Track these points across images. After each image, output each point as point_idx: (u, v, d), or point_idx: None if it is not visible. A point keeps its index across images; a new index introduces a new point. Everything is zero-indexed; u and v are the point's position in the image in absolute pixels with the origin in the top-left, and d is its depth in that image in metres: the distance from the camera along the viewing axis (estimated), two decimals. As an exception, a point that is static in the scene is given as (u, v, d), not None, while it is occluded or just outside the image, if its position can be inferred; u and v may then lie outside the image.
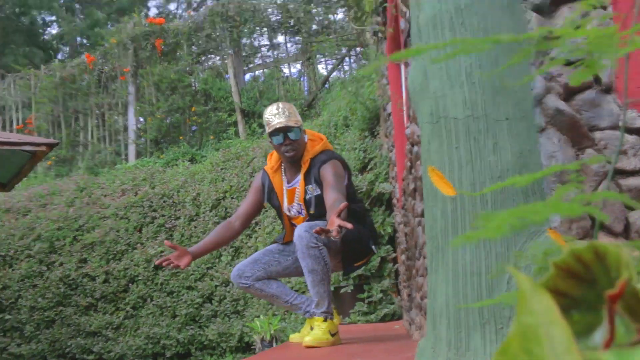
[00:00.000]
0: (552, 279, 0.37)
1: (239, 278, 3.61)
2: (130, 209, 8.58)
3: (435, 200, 1.72)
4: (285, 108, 3.64)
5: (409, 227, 3.53)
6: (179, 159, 10.72)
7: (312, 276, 3.34)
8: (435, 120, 1.78)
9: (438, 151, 1.73)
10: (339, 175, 3.52)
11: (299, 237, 3.30)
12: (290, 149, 3.58)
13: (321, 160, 3.60)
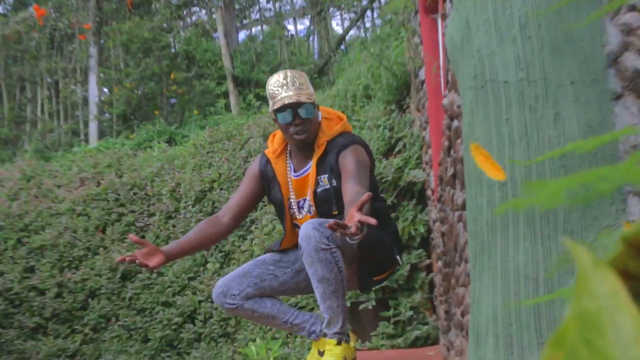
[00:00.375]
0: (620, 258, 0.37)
1: (224, 297, 3.62)
2: (90, 204, 8.64)
3: (480, 187, 1.73)
4: (295, 78, 3.64)
5: (447, 225, 3.54)
6: (154, 140, 10.77)
7: (323, 287, 3.35)
8: (480, 85, 1.78)
9: (483, 124, 1.74)
10: (362, 164, 3.53)
11: (305, 237, 3.30)
12: (301, 130, 3.59)
13: (340, 145, 3.61)
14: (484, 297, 1.66)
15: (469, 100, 1.81)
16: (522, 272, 1.58)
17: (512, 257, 1.61)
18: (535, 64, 1.70)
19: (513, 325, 1.58)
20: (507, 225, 1.66)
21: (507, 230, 1.65)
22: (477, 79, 1.78)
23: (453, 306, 3.45)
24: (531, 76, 1.71)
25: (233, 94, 11.71)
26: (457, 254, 3.05)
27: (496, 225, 1.67)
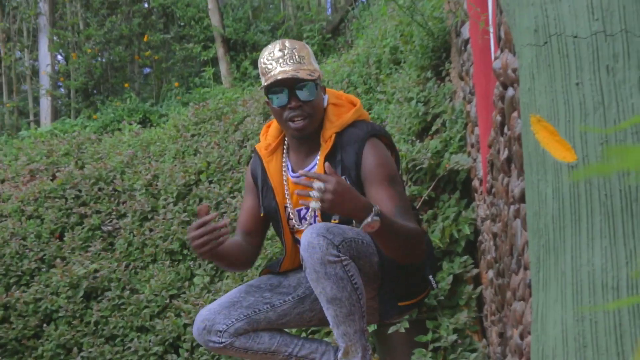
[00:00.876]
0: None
1: (207, 334, 3.62)
2: (43, 203, 8.68)
3: (544, 172, 1.74)
4: (294, 50, 3.62)
5: (500, 223, 3.55)
6: (123, 121, 10.81)
7: (334, 309, 3.35)
8: (543, 42, 1.78)
9: (547, 91, 1.74)
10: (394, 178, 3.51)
11: (308, 247, 3.29)
12: (299, 116, 3.55)
13: (355, 138, 3.57)
14: (550, 313, 1.67)
15: (528, 62, 1.81)
16: (598, 280, 1.58)
17: (586, 260, 1.61)
18: (614, 12, 1.70)
19: (588, 347, 1.58)
20: (578, 220, 1.66)
21: (578, 226, 1.65)
22: (539, 34, 1.78)
23: (509, 327, 3.46)
24: (608, 28, 1.71)
25: (224, 60, 11.74)
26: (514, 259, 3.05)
27: (565, 220, 1.67)
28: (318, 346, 3.69)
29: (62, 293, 7.91)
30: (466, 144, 5.94)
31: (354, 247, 3.32)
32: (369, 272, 3.45)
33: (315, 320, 3.77)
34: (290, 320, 3.72)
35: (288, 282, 3.76)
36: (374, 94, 7.99)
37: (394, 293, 3.59)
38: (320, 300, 3.35)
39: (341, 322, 3.36)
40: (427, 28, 6.66)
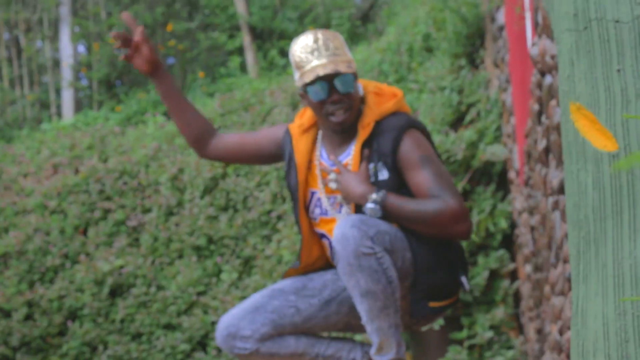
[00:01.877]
0: None
1: (232, 339, 3.64)
2: (67, 197, 8.72)
3: (584, 162, 1.74)
4: (328, 40, 3.63)
5: (538, 215, 3.55)
6: (148, 113, 10.84)
7: (368, 303, 3.36)
8: (583, 27, 1.78)
9: (587, 78, 1.74)
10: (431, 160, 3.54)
11: (342, 238, 3.31)
12: (340, 110, 3.58)
13: (394, 126, 3.59)
14: (590, 307, 1.67)
15: (567, 47, 1.81)
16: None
17: (628, 252, 1.61)
18: (656, -5, 1.70)
19: (630, 341, 1.58)
20: (620, 211, 1.66)
21: (620, 217, 1.65)
22: (579, 18, 1.78)
23: (547, 322, 3.46)
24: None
25: (250, 49, 11.75)
26: (553, 252, 3.05)
27: (606, 211, 1.67)
28: (344, 344, 3.71)
29: (87, 290, 7.96)
30: (502, 134, 5.94)
31: (388, 240, 3.34)
32: (401, 268, 3.45)
33: (341, 324, 3.77)
34: (316, 324, 3.73)
35: (313, 284, 3.76)
36: (405, 83, 7.98)
37: (426, 292, 3.60)
38: (352, 294, 3.36)
39: (375, 317, 3.37)
40: (460, 14, 6.65)
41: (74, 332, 7.86)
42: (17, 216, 8.74)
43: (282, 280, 3.84)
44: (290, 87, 8.80)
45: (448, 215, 3.40)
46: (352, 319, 3.71)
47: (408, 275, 3.52)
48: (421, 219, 3.38)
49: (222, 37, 12.28)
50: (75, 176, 8.89)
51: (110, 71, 12.78)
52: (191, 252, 7.93)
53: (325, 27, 12.05)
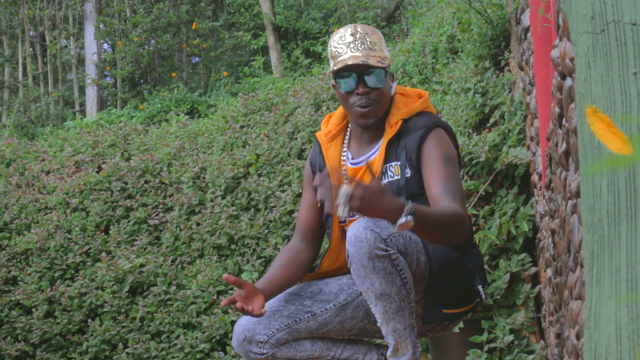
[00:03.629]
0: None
1: (248, 344, 3.65)
2: (89, 195, 8.77)
3: (599, 164, 1.74)
4: (366, 35, 3.67)
5: (558, 219, 3.54)
6: (171, 111, 10.89)
7: (383, 305, 3.36)
8: (600, 30, 1.79)
9: (603, 80, 1.75)
10: (451, 159, 3.56)
11: (355, 241, 3.30)
12: (366, 102, 3.62)
13: (421, 126, 3.62)
14: (604, 310, 1.67)
15: (584, 50, 1.81)
16: (654, 275, 1.59)
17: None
18: (673, -1, 1.70)
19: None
20: (635, 214, 1.66)
21: (635, 220, 1.66)
22: (596, 21, 1.79)
23: (566, 327, 3.46)
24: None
25: (274, 49, 11.77)
26: (571, 256, 3.05)
27: (620, 214, 1.68)
28: (361, 346, 3.72)
29: (108, 288, 7.99)
30: (525, 137, 5.92)
31: (402, 242, 3.34)
32: (415, 271, 3.45)
33: (356, 329, 3.78)
34: (331, 329, 3.73)
35: (329, 288, 3.77)
36: (430, 85, 7.99)
37: (440, 298, 3.60)
38: (367, 297, 3.36)
39: (391, 319, 3.37)
40: (486, 15, 6.64)
41: (94, 330, 7.89)
42: (39, 213, 8.80)
43: (297, 285, 3.86)
44: (314, 87, 8.82)
45: (462, 216, 3.41)
46: (368, 324, 3.72)
47: (423, 279, 3.51)
48: (446, 222, 3.36)
49: (247, 36, 12.32)
50: (97, 174, 8.95)
51: (134, 69, 12.84)
52: (212, 252, 7.96)
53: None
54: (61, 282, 8.23)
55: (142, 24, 12.79)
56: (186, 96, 11.49)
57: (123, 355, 7.71)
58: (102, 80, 13.19)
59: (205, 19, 12.85)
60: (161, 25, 12.83)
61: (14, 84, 13.50)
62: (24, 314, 8.15)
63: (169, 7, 12.86)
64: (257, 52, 12.21)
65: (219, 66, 12.71)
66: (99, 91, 13.03)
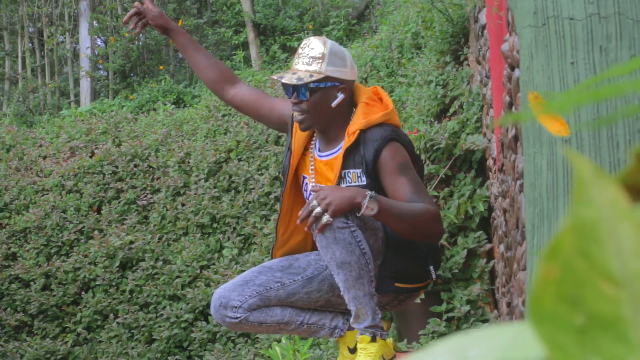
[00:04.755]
0: (631, 174, 0.42)
1: (224, 309, 3.68)
2: (83, 178, 8.77)
3: (540, 145, 1.77)
4: (312, 50, 3.66)
5: (508, 198, 3.58)
6: (158, 101, 10.88)
7: (344, 273, 3.40)
8: (541, 23, 1.81)
9: (544, 69, 1.77)
10: (406, 166, 3.54)
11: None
12: (298, 112, 3.62)
13: (378, 137, 3.58)
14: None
15: (527, 42, 1.84)
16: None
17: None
18: (607, -4, 1.73)
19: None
20: (570, 190, 1.69)
21: (570, 195, 1.69)
22: (538, 16, 1.81)
23: (515, 296, 3.50)
24: (602, 11, 1.73)
25: (254, 44, 11.76)
26: (519, 231, 3.09)
27: (558, 189, 1.71)
28: (327, 313, 3.76)
29: (100, 263, 8.01)
30: (482, 125, 5.96)
31: (362, 217, 3.38)
32: (373, 246, 3.50)
33: (322, 301, 3.81)
34: (298, 298, 3.77)
35: (298, 263, 3.81)
36: (395, 77, 8.02)
37: (394, 272, 3.63)
38: (330, 266, 3.41)
39: (351, 286, 3.41)
40: (447, 14, 6.67)
41: (87, 302, 7.91)
42: (37, 195, 8.80)
43: (271, 259, 3.91)
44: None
45: (431, 214, 3.43)
46: (332, 296, 3.76)
47: (379, 254, 3.55)
48: (411, 215, 3.38)
49: (228, 32, 12.30)
50: (90, 159, 8.95)
51: (125, 63, 12.80)
52: (196, 230, 7.98)
53: (323, 24, 12.08)
54: (57, 257, 8.24)
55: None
56: (172, 87, 11.48)
57: (114, 325, 7.74)
58: (95, 73, 13.14)
59: (190, 17, 12.82)
60: (150, 22, 12.80)
61: (14, 76, 13.43)
62: (23, 287, 8.16)
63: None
64: (238, 47, 12.19)
65: (203, 60, 12.71)
66: (93, 83, 12.98)
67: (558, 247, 0.38)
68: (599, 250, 0.37)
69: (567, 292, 0.38)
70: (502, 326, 0.43)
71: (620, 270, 0.37)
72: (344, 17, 11.61)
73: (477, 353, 0.42)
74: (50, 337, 7.96)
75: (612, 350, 0.37)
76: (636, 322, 0.36)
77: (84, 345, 7.85)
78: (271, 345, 6.21)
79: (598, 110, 1.70)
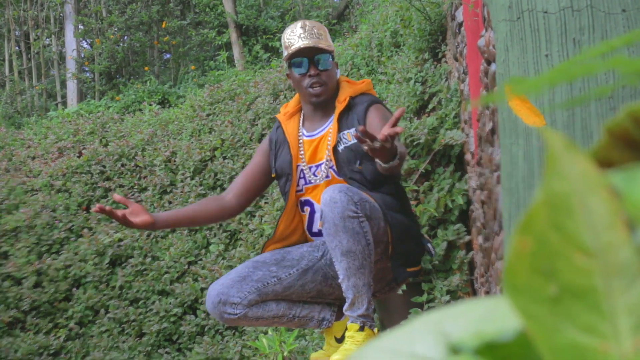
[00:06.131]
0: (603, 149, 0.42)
1: (223, 305, 3.69)
2: (71, 178, 8.74)
3: (516, 136, 1.77)
4: (314, 28, 3.87)
5: (486, 190, 3.59)
6: (144, 102, 10.85)
7: (347, 261, 3.42)
8: (516, 17, 1.82)
9: (519, 62, 1.78)
10: (385, 112, 3.79)
11: (330, 201, 3.38)
12: (317, 83, 3.78)
13: (366, 101, 3.82)
14: (521, 263, 1.71)
15: (502, 35, 1.84)
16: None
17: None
18: (579, -11, 1.73)
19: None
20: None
21: (547, 184, 1.69)
22: (513, 10, 1.82)
23: (493, 285, 3.50)
24: (575, 4, 1.74)
25: (236, 44, 11.74)
26: (496, 222, 3.09)
27: (534, 179, 1.71)
28: (316, 306, 3.80)
29: (90, 260, 7.99)
30: (460, 120, 5.96)
31: (368, 207, 3.43)
32: (376, 235, 3.54)
33: (314, 292, 3.83)
34: (294, 291, 3.79)
35: (291, 256, 3.83)
36: (375, 75, 8.02)
37: (403, 259, 3.70)
38: (334, 253, 3.42)
39: (352, 274, 3.43)
40: (424, 13, 6.68)
41: (79, 298, 7.89)
42: (27, 194, 8.77)
43: (262, 253, 3.92)
44: (272, 79, 8.82)
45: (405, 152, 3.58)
46: (325, 286, 3.80)
47: (380, 243, 3.60)
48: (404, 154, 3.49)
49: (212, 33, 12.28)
50: (78, 159, 8.93)
51: (110, 64, 12.76)
52: (183, 227, 7.98)
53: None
54: (48, 255, 8.22)
55: (117, 23, 12.71)
56: (158, 88, 11.45)
57: (105, 320, 7.72)
58: (82, 75, 13.10)
59: (174, 18, 12.78)
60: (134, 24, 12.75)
61: (1, 79, 13.39)
62: (15, 285, 8.14)
63: (141, 7, 12.78)
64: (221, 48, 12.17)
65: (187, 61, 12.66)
66: (79, 84, 12.94)
67: (531, 220, 0.38)
68: (571, 223, 0.37)
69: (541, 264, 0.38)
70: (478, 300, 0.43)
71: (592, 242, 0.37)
72: (324, 17, 11.63)
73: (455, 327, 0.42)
74: (43, 332, 7.94)
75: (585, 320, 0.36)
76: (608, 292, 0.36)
77: (76, 339, 7.83)
78: (258, 337, 6.22)
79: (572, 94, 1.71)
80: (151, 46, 12.90)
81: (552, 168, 0.38)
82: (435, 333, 0.42)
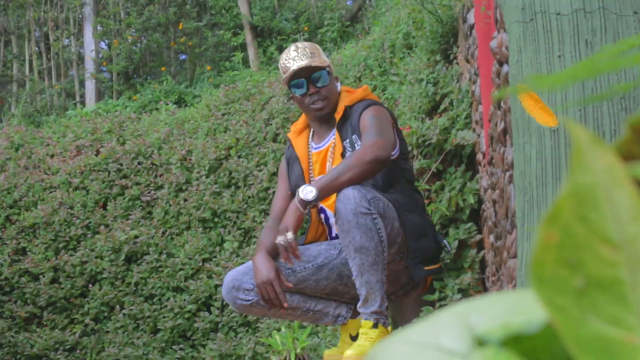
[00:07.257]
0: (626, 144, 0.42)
1: (236, 291, 3.71)
2: (89, 175, 8.76)
3: (529, 135, 1.77)
4: (305, 48, 3.92)
5: (498, 190, 3.58)
6: (161, 101, 10.87)
7: (360, 257, 3.42)
8: (529, 18, 1.81)
9: (532, 63, 1.77)
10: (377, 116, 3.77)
11: (343, 198, 3.41)
12: (318, 99, 3.84)
13: (361, 106, 3.87)
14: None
15: (516, 37, 1.84)
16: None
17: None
18: (592, -9, 1.73)
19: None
20: (560, 178, 1.69)
21: (560, 183, 1.69)
22: (526, 11, 1.81)
23: (505, 283, 3.50)
24: (588, 6, 1.73)
25: (251, 46, 11.76)
26: (508, 221, 3.09)
27: (547, 177, 1.71)
28: (332, 302, 3.79)
29: (106, 257, 8.01)
30: (471, 121, 5.95)
31: (382, 206, 3.45)
32: (390, 234, 3.54)
33: (329, 289, 3.84)
34: (307, 285, 3.79)
35: (309, 252, 3.83)
36: (388, 76, 8.03)
37: (420, 258, 3.71)
38: (347, 251, 3.43)
39: (365, 271, 3.43)
40: (436, 15, 6.67)
41: (95, 294, 7.91)
42: (45, 192, 8.80)
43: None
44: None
45: (367, 147, 3.57)
46: (339, 285, 3.80)
47: (394, 243, 3.60)
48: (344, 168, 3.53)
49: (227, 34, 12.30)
50: (96, 157, 8.95)
51: (128, 65, 12.79)
52: (198, 224, 7.99)
53: (317, 26, 12.07)
54: (65, 252, 8.25)
55: (135, 25, 12.74)
56: (174, 88, 11.47)
57: (120, 316, 7.74)
58: (100, 75, 13.14)
59: (190, 20, 12.81)
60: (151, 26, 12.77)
61: (21, 78, 13.43)
62: (32, 281, 8.16)
63: (159, 9, 12.81)
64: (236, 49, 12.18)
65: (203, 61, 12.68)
66: (97, 84, 12.98)
67: (557, 212, 0.38)
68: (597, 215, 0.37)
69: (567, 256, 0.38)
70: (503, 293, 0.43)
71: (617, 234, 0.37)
72: (337, 19, 11.62)
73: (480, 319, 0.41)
74: (59, 328, 7.96)
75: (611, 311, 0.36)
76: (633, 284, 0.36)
77: (91, 335, 7.85)
78: (271, 334, 6.22)
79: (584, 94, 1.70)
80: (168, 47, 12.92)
81: (578, 162, 0.38)
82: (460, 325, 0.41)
